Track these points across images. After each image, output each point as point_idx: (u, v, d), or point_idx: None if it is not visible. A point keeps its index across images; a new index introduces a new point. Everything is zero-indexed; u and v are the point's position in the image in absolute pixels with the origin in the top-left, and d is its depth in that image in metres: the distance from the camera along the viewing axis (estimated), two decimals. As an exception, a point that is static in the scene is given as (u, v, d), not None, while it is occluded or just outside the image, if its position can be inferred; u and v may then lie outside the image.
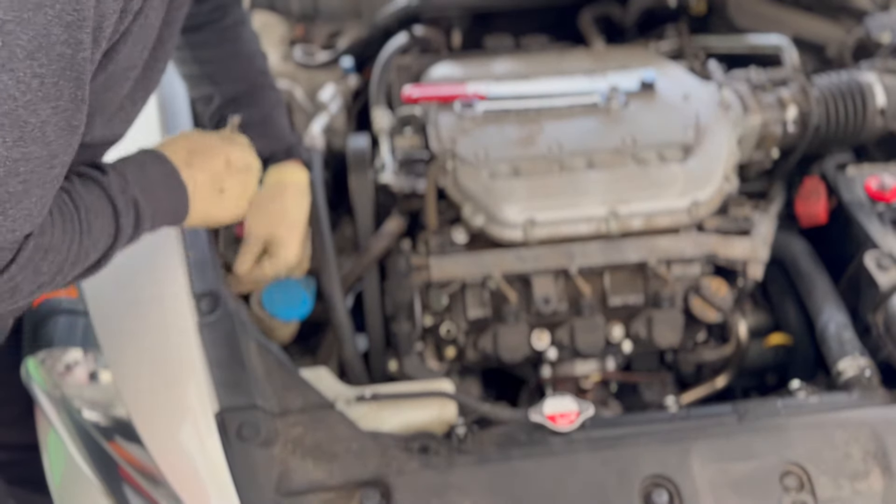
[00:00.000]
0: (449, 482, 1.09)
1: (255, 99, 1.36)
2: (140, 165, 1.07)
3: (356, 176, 1.51)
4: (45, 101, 0.75)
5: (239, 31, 1.34)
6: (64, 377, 1.28)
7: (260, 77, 1.38)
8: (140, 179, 1.04)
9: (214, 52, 1.33)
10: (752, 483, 1.10)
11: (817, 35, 1.86)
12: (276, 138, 1.36)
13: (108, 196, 0.99)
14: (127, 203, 1.01)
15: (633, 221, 1.38)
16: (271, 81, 1.40)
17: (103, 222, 0.99)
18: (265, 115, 1.36)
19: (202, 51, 1.33)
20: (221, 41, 1.33)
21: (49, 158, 0.79)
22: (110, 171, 1.02)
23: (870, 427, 1.14)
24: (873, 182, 1.46)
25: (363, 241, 1.51)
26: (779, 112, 1.56)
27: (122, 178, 1.02)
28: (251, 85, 1.36)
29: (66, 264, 0.94)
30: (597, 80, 1.56)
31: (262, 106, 1.36)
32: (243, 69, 1.36)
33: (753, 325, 1.55)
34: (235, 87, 1.35)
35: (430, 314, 1.42)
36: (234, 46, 1.34)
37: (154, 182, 1.07)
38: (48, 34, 0.73)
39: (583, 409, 1.15)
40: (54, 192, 0.86)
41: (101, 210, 0.99)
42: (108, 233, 1.00)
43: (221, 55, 1.34)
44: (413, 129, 1.61)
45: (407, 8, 1.83)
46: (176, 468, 1.11)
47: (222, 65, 1.34)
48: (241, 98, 1.35)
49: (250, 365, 1.16)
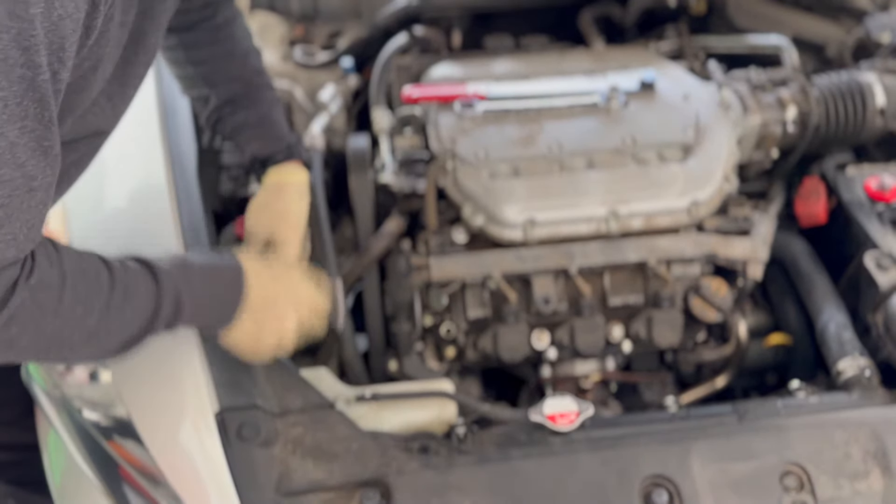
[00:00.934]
0: (449, 482, 1.09)
1: (251, 99, 1.35)
2: (211, 276, 1.06)
3: (356, 176, 1.51)
4: (10, 122, 0.75)
5: (232, 30, 1.33)
6: (64, 377, 1.28)
7: (256, 76, 1.36)
8: (200, 289, 1.03)
9: (208, 51, 1.32)
10: (752, 483, 1.10)
11: (817, 35, 1.86)
12: (274, 139, 1.36)
13: (156, 289, 0.98)
14: (171, 307, 0.99)
15: (632, 221, 1.38)
16: (267, 80, 1.39)
17: (137, 312, 0.96)
18: (262, 115, 1.35)
19: (195, 51, 1.32)
20: (214, 40, 1.32)
21: (26, 181, 0.79)
22: (175, 267, 1.01)
23: (870, 427, 1.14)
24: (873, 182, 1.46)
25: (363, 241, 1.51)
26: (778, 112, 1.56)
27: (185, 279, 1.01)
28: (247, 85, 1.35)
29: (77, 335, 0.91)
30: (597, 81, 1.56)
31: (259, 106, 1.35)
32: (238, 69, 1.34)
33: (753, 325, 1.55)
34: (231, 88, 1.34)
35: (430, 314, 1.42)
36: (228, 45, 1.33)
37: (211, 300, 1.05)
38: (6, 58, 0.73)
39: (583, 410, 1.16)
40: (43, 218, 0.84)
41: (141, 298, 0.96)
42: (138, 324, 0.97)
43: (215, 55, 1.33)
44: (413, 129, 1.61)
45: (407, 8, 1.84)
46: (176, 468, 1.11)
47: (217, 65, 1.33)
48: (238, 99, 1.34)
49: (250, 365, 1.16)
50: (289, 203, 1.33)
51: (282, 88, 1.78)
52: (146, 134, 1.39)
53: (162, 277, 0.99)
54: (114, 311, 0.93)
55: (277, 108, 1.38)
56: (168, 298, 0.99)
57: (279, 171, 1.35)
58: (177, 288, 1.00)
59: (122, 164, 1.37)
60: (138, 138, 1.40)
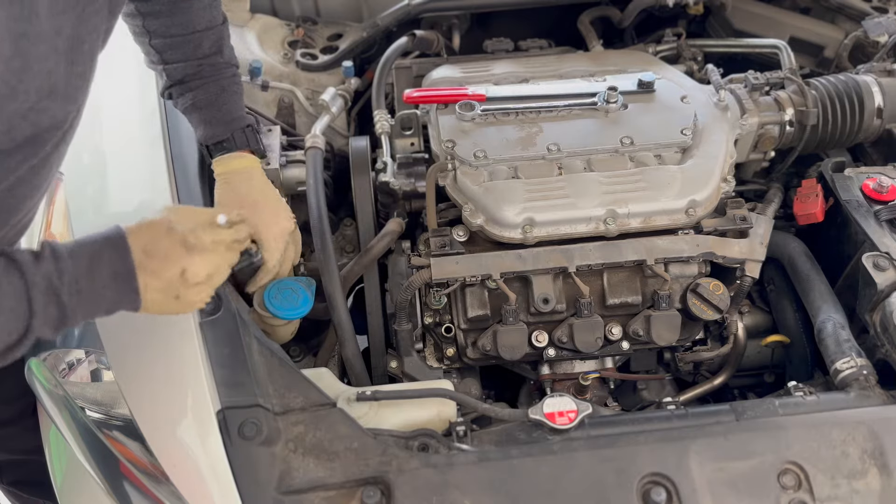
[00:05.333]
0: (449, 480, 1.09)
1: (200, 81, 1.32)
2: (91, 260, 0.98)
3: (357, 177, 1.52)
4: None
5: (189, 4, 1.29)
6: (66, 376, 1.29)
7: (208, 59, 1.32)
8: (81, 278, 0.96)
9: (161, 23, 1.29)
10: (749, 481, 1.10)
11: (815, 37, 1.87)
12: (220, 124, 1.33)
13: (26, 292, 0.91)
14: (48, 303, 0.93)
15: (631, 222, 1.39)
16: (225, 60, 1.34)
17: (8, 316, 0.90)
18: (209, 100, 1.33)
19: (151, 20, 1.29)
20: (169, 13, 1.28)
21: None
22: (46, 261, 0.94)
23: (867, 426, 1.15)
24: (870, 182, 1.47)
25: (363, 241, 1.51)
26: (776, 113, 1.57)
27: (58, 273, 0.94)
28: (198, 66, 1.31)
29: None
30: (595, 83, 1.57)
31: (206, 90, 1.32)
32: (191, 49, 1.30)
33: (751, 325, 1.56)
34: (181, 68, 1.31)
35: (430, 314, 1.43)
36: (182, 20, 1.29)
37: (100, 282, 0.98)
38: None
39: (581, 408, 1.16)
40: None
41: (12, 304, 0.91)
42: (9, 329, 0.91)
43: (169, 28, 1.29)
44: (413, 130, 1.62)
45: (407, 10, 1.85)
46: (178, 466, 1.11)
47: (170, 40, 1.30)
48: (187, 80, 1.32)
49: (252, 364, 1.16)
50: (239, 190, 1.31)
51: (283, 89, 1.80)
52: (148, 132, 1.39)
53: (30, 277, 0.92)
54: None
55: (229, 95, 1.34)
56: (40, 301, 0.92)
57: (222, 161, 1.33)
58: (50, 283, 0.93)
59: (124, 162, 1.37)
60: (140, 137, 1.40)
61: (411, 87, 1.67)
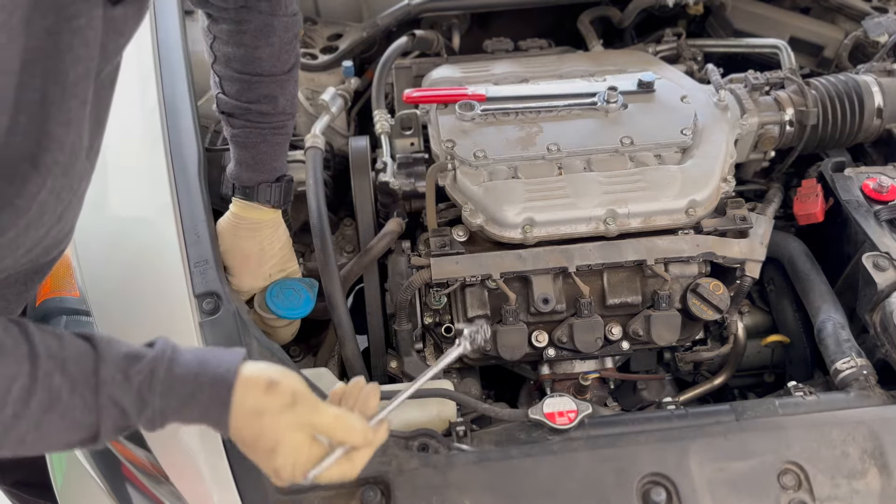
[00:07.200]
0: (448, 480, 1.09)
1: (245, 123, 1.26)
2: (189, 395, 0.88)
3: (357, 177, 1.52)
4: None
5: (255, 42, 1.20)
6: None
7: (260, 104, 1.24)
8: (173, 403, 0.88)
9: (225, 53, 1.23)
10: (749, 481, 1.11)
11: (815, 37, 1.87)
12: (250, 170, 1.29)
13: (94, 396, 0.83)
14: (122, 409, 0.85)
15: (631, 222, 1.39)
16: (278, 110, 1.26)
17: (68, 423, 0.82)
18: (247, 144, 1.28)
19: (219, 44, 1.23)
20: (233, 43, 1.21)
21: None
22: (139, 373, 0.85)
23: (867, 426, 1.15)
24: (870, 182, 1.47)
25: (363, 241, 1.52)
26: (776, 113, 1.57)
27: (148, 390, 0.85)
28: (247, 109, 1.24)
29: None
30: (595, 83, 1.57)
31: (247, 134, 1.26)
32: (246, 88, 1.23)
33: (751, 325, 1.56)
34: (233, 105, 1.25)
35: (430, 314, 1.43)
36: (246, 54, 1.21)
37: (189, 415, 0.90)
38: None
39: (581, 408, 1.16)
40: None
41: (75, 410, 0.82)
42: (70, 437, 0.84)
43: (230, 61, 1.23)
44: (413, 130, 1.63)
45: (407, 10, 1.85)
46: (178, 466, 1.11)
47: (229, 71, 1.23)
48: (234, 117, 1.26)
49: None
50: (238, 239, 1.31)
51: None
52: (149, 134, 1.39)
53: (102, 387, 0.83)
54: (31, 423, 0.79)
55: (269, 146, 1.29)
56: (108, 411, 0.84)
57: (238, 203, 1.32)
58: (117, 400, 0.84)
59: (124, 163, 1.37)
60: (141, 138, 1.40)
61: (411, 86, 1.67)
